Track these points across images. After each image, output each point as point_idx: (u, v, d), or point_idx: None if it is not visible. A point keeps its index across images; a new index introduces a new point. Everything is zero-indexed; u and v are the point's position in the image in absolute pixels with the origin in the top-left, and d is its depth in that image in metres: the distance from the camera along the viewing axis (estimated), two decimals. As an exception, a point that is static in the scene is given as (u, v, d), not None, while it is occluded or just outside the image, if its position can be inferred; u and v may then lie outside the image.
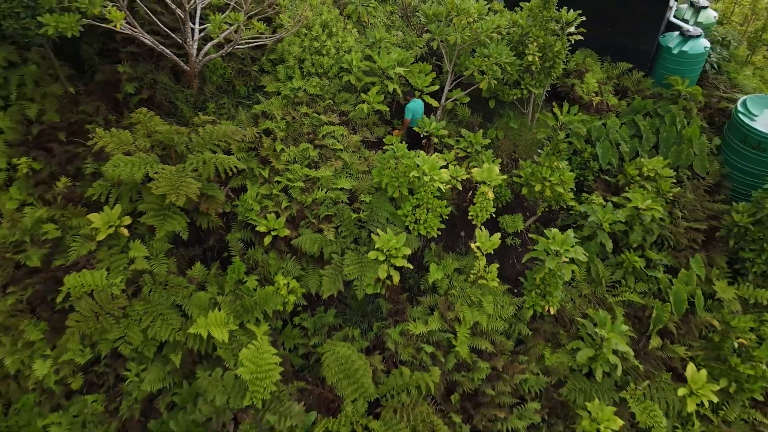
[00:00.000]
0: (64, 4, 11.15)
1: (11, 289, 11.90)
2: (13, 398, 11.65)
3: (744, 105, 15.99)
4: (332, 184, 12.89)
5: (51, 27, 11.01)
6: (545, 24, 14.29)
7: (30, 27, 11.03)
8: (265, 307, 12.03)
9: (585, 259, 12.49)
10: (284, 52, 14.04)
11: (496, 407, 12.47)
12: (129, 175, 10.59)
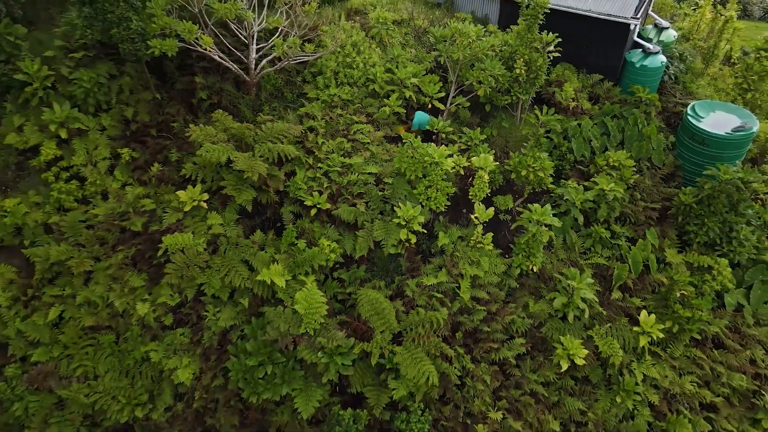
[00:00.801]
0: (165, 31, 14.75)
1: (120, 248, 15.41)
2: (121, 331, 15.10)
3: (693, 109, 19.50)
4: (362, 170, 16.41)
5: (156, 49, 14.61)
6: (530, 44, 17.84)
7: (140, 48, 14.60)
8: (312, 263, 15.52)
9: (559, 224, 16.02)
10: (322, 66, 17.58)
11: (491, 341, 15.92)
12: (216, 157, 14.11)
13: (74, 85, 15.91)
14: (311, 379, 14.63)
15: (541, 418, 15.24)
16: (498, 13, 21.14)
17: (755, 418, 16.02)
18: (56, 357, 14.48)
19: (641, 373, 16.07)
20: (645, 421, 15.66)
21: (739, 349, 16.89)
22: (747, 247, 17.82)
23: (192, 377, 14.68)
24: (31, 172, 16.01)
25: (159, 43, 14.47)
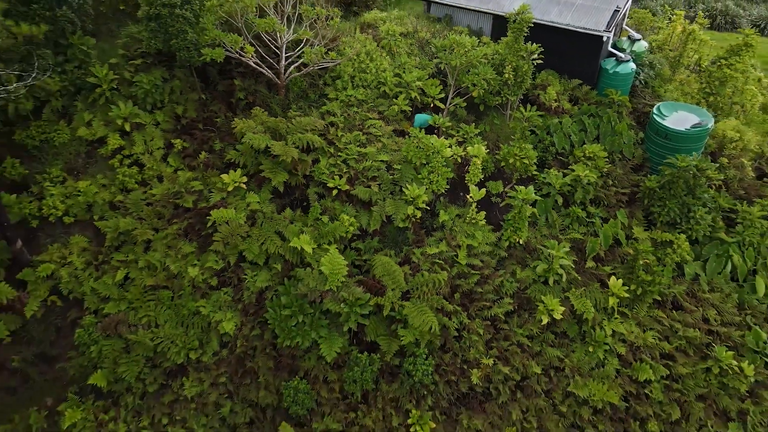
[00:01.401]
0: (214, 42, 17.86)
1: (174, 221, 18.40)
2: (176, 289, 18.05)
3: (658, 109, 22.54)
4: (375, 158, 19.42)
5: (207, 56, 17.72)
6: (517, 53, 20.91)
7: (194, 56, 17.69)
8: (334, 234, 18.48)
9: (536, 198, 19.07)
10: (341, 71, 20.65)
11: (484, 301, 18.84)
12: (257, 144, 17.14)
13: (135, 87, 18.98)
14: (333, 329, 17.56)
15: (525, 363, 18.13)
16: (490, 26, 24.28)
17: (707, 366, 18.91)
18: (123, 310, 17.44)
19: (610, 328, 18.97)
20: (614, 368, 18.52)
21: (695, 310, 19.82)
22: (703, 225, 20.79)
23: (234, 328, 17.62)
24: (99, 159, 19.05)
25: (209, 51, 17.55)
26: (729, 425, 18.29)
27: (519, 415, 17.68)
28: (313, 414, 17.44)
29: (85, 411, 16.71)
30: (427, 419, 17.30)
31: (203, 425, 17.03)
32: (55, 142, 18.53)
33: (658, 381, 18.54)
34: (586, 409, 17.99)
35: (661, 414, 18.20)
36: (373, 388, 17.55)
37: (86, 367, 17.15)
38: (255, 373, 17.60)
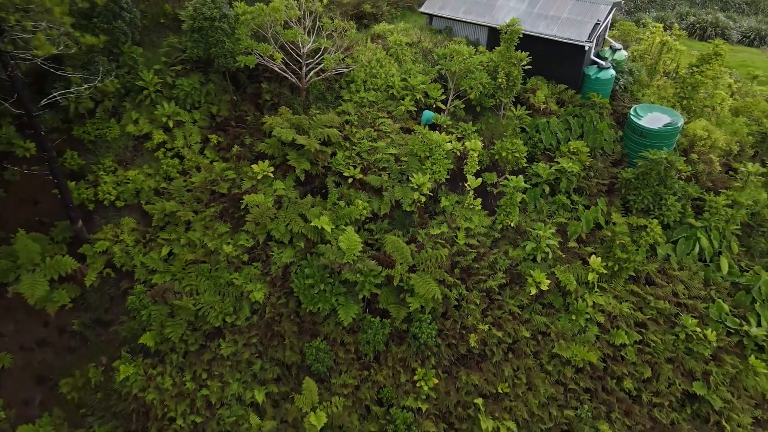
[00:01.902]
0: (248, 50, 20.69)
1: (211, 205, 21.11)
2: (213, 263, 20.71)
3: (635, 110, 25.31)
4: (385, 151, 22.17)
5: (241, 63, 20.54)
6: (509, 60, 23.71)
7: (230, 62, 20.51)
8: (350, 217, 21.16)
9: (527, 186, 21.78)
10: (354, 76, 23.47)
11: (480, 275, 21.48)
12: (285, 137, 19.86)
13: (176, 90, 21.77)
14: (350, 298, 20.21)
15: (516, 329, 20.75)
16: (486, 37, 27.11)
17: (675, 333, 21.53)
18: (168, 280, 20.12)
19: (591, 300, 21.60)
20: (593, 334, 21.13)
21: (665, 285, 22.47)
22: (673, 212, 23.49)
23: (263, 297, 20.25)
24: (144, 152, 21.80)
25: (243, 58, 20.36)
26: (694, 384, 20.88)
27: (510, 372, 20.29)
28: (332, 371, 20.06)
29: (136, 367, 19.33)
30: (431, 376, 19.91)
31: (237, 380, 19.65)
32: (107, 137, 21.29)
33: (632, 345, 21.16)
34: (569, 368, 20.60)
35: (634, 373, 20.81)
36: (384, 349, 20.18)
37: (136, 330, 19.79)
38: (281, 335, 20.23)
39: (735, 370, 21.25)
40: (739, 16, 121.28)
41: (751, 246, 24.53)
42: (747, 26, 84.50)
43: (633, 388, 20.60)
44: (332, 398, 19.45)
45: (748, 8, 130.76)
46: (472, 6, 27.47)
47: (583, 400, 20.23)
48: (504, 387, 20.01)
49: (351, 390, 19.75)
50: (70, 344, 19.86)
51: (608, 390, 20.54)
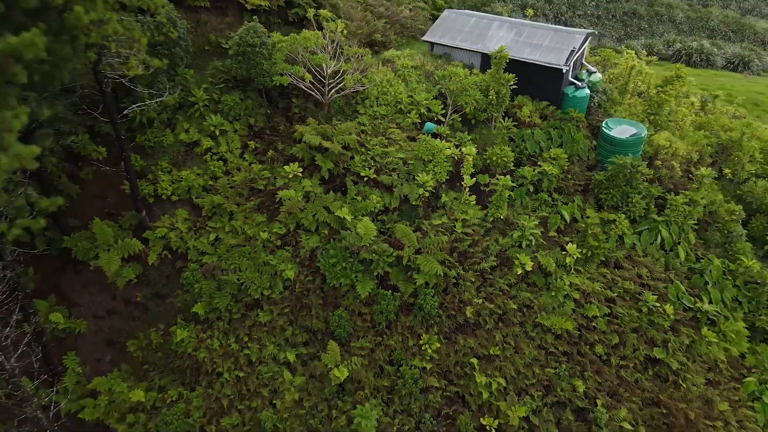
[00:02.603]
0: (282, 71, 25.09)
1: (250, 199, 25.23)
2: (252, 247, 24.77)
3: (606, 123, 29.61)
4: (395, 155, 26.38)
5: (277, 82, 24.91)
6: (498, 81, 28.09)
7: (267, 81, 24.88)
8: (366, 209, 25.26)
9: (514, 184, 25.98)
10: (369, 94, 27.81)
11: (475, 258, 25.52)
12: (314, 142, 24.08)
13: (221, 104, 26.12)
14: (366, 275, 24.24)
15: (505, 302, 24.71)
16: (479, 62, 31.58)
17: (639, 308, 25.48)
18: (216, 260, 24.16)
19: (568, 280, 25.60)
20: (570, 308, 25.06)
21: (631, 268, 26.49)
22: (638, 208, 27.60)
23: (294, 275, 24.23)
24: (194, 156, 26.01)
25: (279, 78, 24.76)
26: (654, 349, 24.73)
27: (500, 338, 24.19)
28: (351, 336, 23.97)
29: (189, 331, 23.23)
30: (434, 341, 23.82)
31: (272, 342, 23.56)
32: (164, 143, 25.53)
33: (603, 317, 25.07)
34: (550, 335, 24.51)
35: (604, 340, 24.70)
36: (394, 318, 24.13)
37: (189, 301, 23.74)
38: (309, 307, 24.17)
39: (690, 340, 25.18)
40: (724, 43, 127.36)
41: (707, 238, 28.63)
42: (731, 53, 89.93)
43: (603, 353, 24.50)
44: (352, 358, 23.33)
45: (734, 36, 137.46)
46: (467, 35, 32.03)
47: (561, 361, 24.12)
48: (495, 350, 23.91)
49: (367, 352, 23.65)
50: (134, 313, 23.83)
51: (582, 353, 24.43)
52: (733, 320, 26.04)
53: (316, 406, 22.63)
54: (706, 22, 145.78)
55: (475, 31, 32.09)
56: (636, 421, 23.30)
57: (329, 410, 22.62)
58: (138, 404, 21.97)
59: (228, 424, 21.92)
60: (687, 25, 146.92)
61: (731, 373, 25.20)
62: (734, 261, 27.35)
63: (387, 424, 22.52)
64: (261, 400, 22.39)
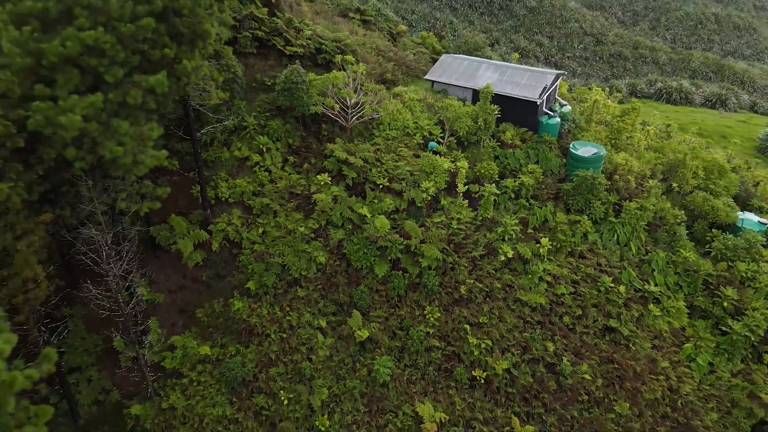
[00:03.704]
0: (316, 102, 32.25)
1: (290, 201, 32.01)
2: (291, 238, 31.36)
3: (573, 145, 36.60)
4: (404, 168, 33.21)
5: (312, 110, 32.06)
6: (485, 111, 35.23)
7: (305, 110, 32.01)
8: (381, 209, 32.02)
9: (498, 192, 32.87)
10: (383, 120, 34.93)
11: (467, 248, 32.03)
12: (342, 156, 31.07)
13: (267, 128, 33.15)
14: (382, 259, 30.81)
15: (491, 282, 31.07)
16: (471, 96, 38.82)
17: (597, 287, 31.96)
18: (264, 248, 30.75)
19: (542, 266, 32.05)
20: (543, 287, 31.48)
21: (593, 258, 32.97)
22: (599, 212, 34.22)
23: (325, 260, 30.79)
24: (245, 168, 32.83)
25: (314, 107, 31.93)
26: (610, 320, 31.06)
27: (488, 309, 30.53)
28: (370, 308, 30.31)
29: (243, 303, 29.61)
30: (435, 311, 30.17)
31: (308, 312, 29.91)
32: (222, 158, 32.44)
33: (569, 294, 31.43)
34: (527, 308, 30.86)
35: (570, 312, 31.01)
36: (404, 294, 30.55)
37: (243, 279, 30.17)
38: (337, 285, 30.61)
39: (639, 313, 31.54)
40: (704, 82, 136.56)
41: (656, 237, 35.30)
42: (709, 92, 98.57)
43: (569, 322, 30.86)
44: (371, 324, 29.68)
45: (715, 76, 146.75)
46: (461, 75, 39.41)
47: (535, 328, 30.44)
48: (483, 319, 30.28)
49: (383, 319, 30.02)
50: (200, 289, 30.28)
51: (553, 322, 30.78)
52: (674, 300, 32.47)
53: (343, 360, 28.90)
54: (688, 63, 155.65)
55: (467, 71, 39.50)
56: (595, 374, 29.54)
57: (353, 363, 28.88)
58: (205, 357, 28.22)
59: (275, 373, 28.14)
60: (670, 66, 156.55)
61: (673, 341, 31.50)
62: (677, 255, 33.98)
63: (398, 374, 28.78)
64: (300, 355, 28.66)
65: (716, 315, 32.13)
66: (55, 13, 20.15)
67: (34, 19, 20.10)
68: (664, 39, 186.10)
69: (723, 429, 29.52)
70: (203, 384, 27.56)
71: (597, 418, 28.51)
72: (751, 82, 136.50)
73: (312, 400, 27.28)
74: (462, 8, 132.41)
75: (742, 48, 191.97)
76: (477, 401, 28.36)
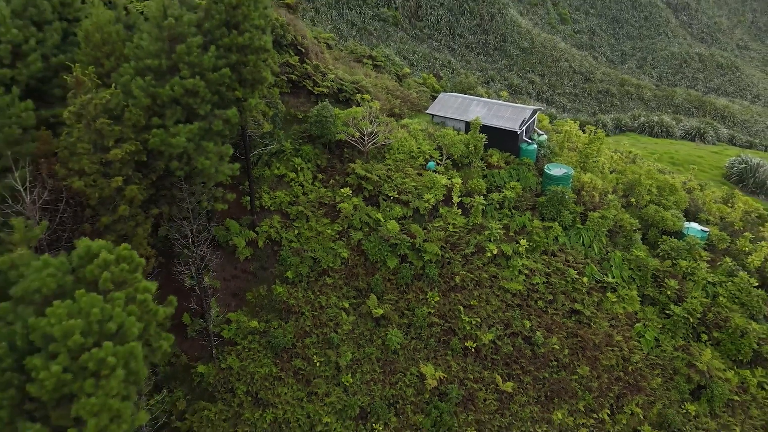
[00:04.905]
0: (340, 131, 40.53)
1: (320, 209, 39.88)
2: (321, 239, 39.14)
3: (548, 166, 44.63)
4: (409, 184, 41.18)
5: (338, 138, 40.35)
6: (475, 138, 43.44)
7: (332, 137, 40.26)
8: (392, 215, 39.93)
9: (486, 203, 40.90)
10: (392, 146, 43.12)
11: (461, 247, 39.69)
12: (362, 173, 39.12)
13: (301, 151, 41.38)
14: (393, 254, 38.57)
15: (480, 274, 38.72)
16: (464, 127, 47.15)
17: (566, 279, 39.60)
18: (299, 246, 38.56)
19: (521, 262, 39.70)
20: (522, 278, 39.20)
21: (562, 256, 40.60)
22: (567, 220, 42.15)
23: (347, 255, 38.56)
24: (283, 183, 40.94)
25: (339, 135, 40.20)
26: (575, 304, 38.69)
27: (477, 295, 38.08)
28: (383, 293, 37.93)
29: (283, 288, 37.22)
30: (436, 296, 37.72)
31: (335, 295, 37.46)
32: (264, 175, 40.54)
33: (543, 284, 39.12)
34: (509, 294, 38.43)
35: (543, 297, 38.47)
36: (410, 282, 38.19)
37: (283, 270, 37.84)
38: (357, 274, 38.28)
39: (599, 299, 39.10)
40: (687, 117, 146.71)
41: (615, 241, 43.12)
42: (689, 125, 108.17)
43: (542, 305, 38.45)
44: (384, 305, 37.23)
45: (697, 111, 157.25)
46: (455, 110, 47.85)
47: (515, 309, 37.96)
48: (474, 302, 37.90)
49: (393, 302, 37.59)
50: (249, 277, 37.97)
51: (529, 305, 38.34)
52: (628, 289, 40.08)
53: (362, 332, 36.42)
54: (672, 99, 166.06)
55: (460, 107, 47.96)
56: (562, 345, 36.97)
57: (370, 335, 36.39)
58: (254, 329, 35.68)
59: (309, 342, 35.61)
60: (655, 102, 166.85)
61: (626, 321, 38.97)
62: (631, 254, 41.75)
63: (406, 344, 36.25)
64: (329, 328, 36.18)
65: (662, 302, 39.63)
66: (165, 67, 28.36)
67: (150, 72, 28.36)
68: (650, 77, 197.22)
69: (666, 391, 36.77)
70: (253, 350, 34.94)
71: (563, 378, 35.84)
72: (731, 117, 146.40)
73: (339, 361, 34.73)
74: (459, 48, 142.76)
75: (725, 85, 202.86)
76: (468, 365, 35.75)
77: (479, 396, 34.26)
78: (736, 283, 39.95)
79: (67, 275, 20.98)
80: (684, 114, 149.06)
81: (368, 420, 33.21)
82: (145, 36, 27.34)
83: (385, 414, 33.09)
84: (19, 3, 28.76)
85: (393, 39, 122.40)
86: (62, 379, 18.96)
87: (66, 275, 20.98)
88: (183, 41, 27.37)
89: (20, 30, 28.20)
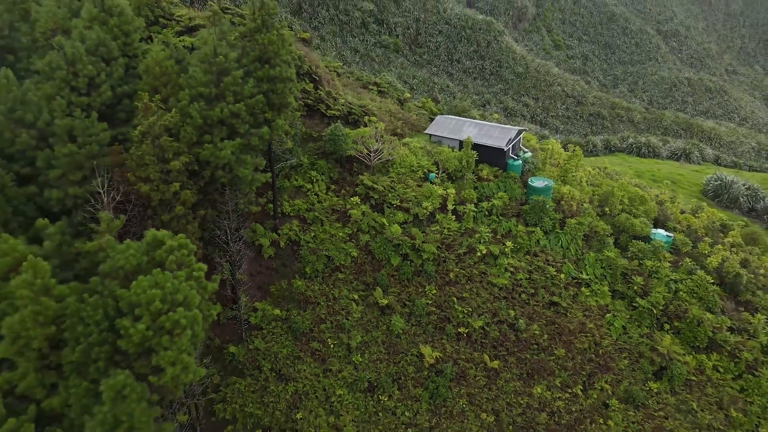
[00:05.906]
0: (350, 148, 47.12)
1: (333, 215, 46.08)
2: (334, 240, 45.41)
3: (531, 179, 51.03)
4: (410, 193, 47.59)
5: (348, 154, 46.93)
6: (467, 155, 49.96)
7: (343, 153, 46.82)
8: (395, 220, 46.27)
9: (476, 210, 47.34)
10: (395, 161, 49.63)
11: (455, 248, 45.83)
12: (369, 184, 45.56)
13: (316, 165, 47.88)
14: (396, 253, 44.77)
15: (471, 270, 44.73)
16: (457, 145, 53.74)
17: (546, 275, 45.72)
18: (315, 245, 44.79)
19: (507, 261, 45.84)
20: (508, 274, 45.28)
21: (543, 256, 46.82)
22: (548, 225, 48.42)
23: (356, 254, 44.69)
24: (300, 192, 47.37)
25: (349, 152, 46.82)
26: (553, 297, 44.77)
27: (469, 288, 44.09)
28: (388, 287, 44.05)
29: (302, 282, 43.31)
30: (433, 289, 43.85)
31: (346, 288, 43.69)
32: (284, 186, 47.04)
33: (525, 279, 45.34)
34: (496, 288, 44.53)
35: (526, 291, 44.52)
36: (411, 277, 44.34)
37: (301, 266, 44.02)
38: (365, 271, 44.44)
39: (574, 293, 45.26)
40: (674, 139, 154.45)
41: (590, 244, 49.40)
42: (675, 146, 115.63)
43: (525, 298, 44.57)
44: (388, 297, 43.39)
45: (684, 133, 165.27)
46: (450, 130, 54.53)
47: (501, 301, 44.07)
48: (466, 294, 44.03)
49: (396, 294, 43.71)
50: (272, 273, 44.13)
51: (514, 297, 44.42)
52: (600, 285, 46.24)
53: (369, 320, 42.50)
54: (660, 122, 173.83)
55: (455, 127, 54.65)
56: (542, 331, 43.00)
57: (377, 321, 42.51)
58: (277, 316, 41.81)
59: (324, 327, 41.73)
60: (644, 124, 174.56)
61: (598, 312, 45.03)
62: (603, 255, 47.99)
63: (407, 329, 42.35)
64: (341, 316, 42.31)
65: (629, 296, 45.72)
66: (213, 94, 34.98)
67: (202, 98, 34.88)
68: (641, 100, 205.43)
69: (632, 371, 42.71)
70: (276, 334, 40.98)
71: (542, 359, 41.83)
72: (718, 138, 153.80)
73: (350, 343, 40.80)
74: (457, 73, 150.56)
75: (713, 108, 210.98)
76: (461, 347, 41.78)
77: (470, 373, 40.15)
78: (695, 280, 46.01)
79: (143, 256, 27.14)
80: (672, 136, 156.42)
81: (375, 392, 39.01)
82: (197, 69, 33.89)
83: (389, 387, 38.92)
84: (92, 43, 35.35)
85: (394, 65, 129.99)
86: (146, 335, 24.69)
87: (143, 256, 27.14)
88: (228, 74, 33.94)
89: (93, 65, 34.72)
